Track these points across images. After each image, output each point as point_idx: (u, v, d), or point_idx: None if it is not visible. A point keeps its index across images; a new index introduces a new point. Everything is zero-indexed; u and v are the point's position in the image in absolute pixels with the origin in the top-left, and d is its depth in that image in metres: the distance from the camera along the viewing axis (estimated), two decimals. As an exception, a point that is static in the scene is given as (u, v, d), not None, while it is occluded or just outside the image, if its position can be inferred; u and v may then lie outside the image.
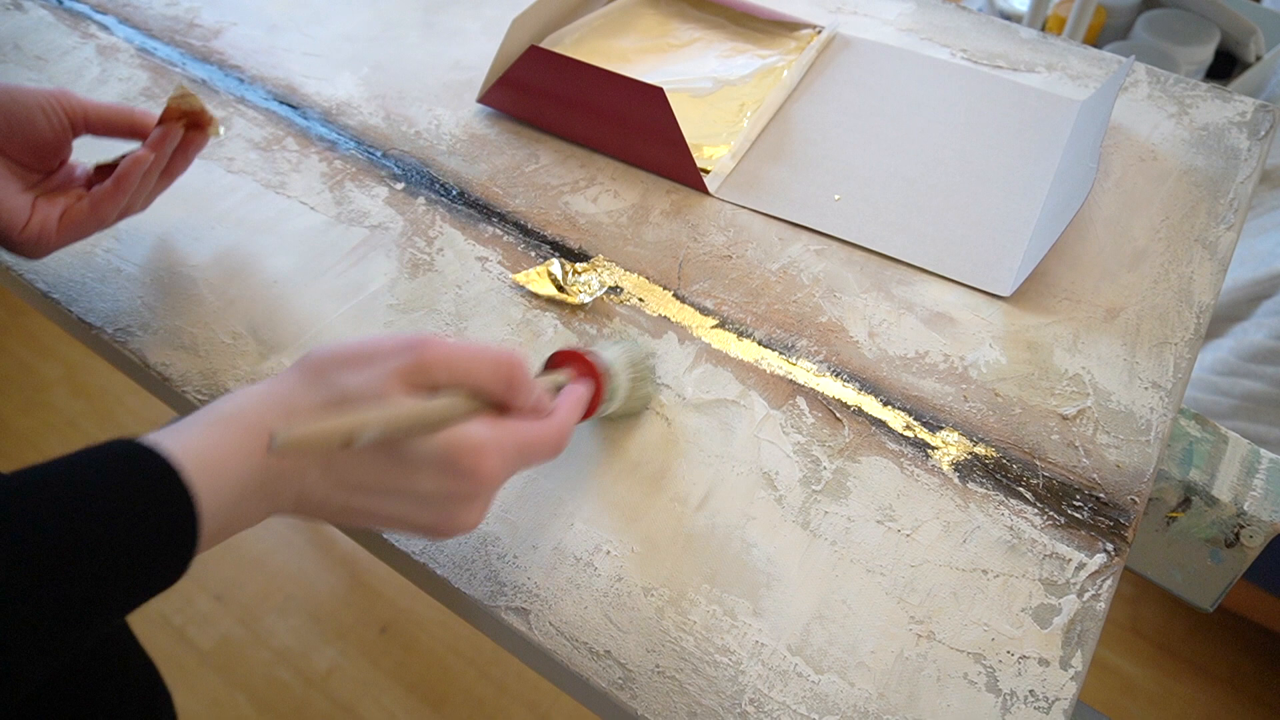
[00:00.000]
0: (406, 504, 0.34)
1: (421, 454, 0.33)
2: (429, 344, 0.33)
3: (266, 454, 0.32)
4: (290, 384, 0.34)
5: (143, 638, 0.62)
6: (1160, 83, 0.68)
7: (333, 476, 0.33)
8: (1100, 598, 0.41)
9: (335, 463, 0.33)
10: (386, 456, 0.33)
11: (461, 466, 0.33)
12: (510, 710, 1.14)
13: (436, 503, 0.34)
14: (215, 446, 0.31)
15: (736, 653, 0.39)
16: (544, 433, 0.36)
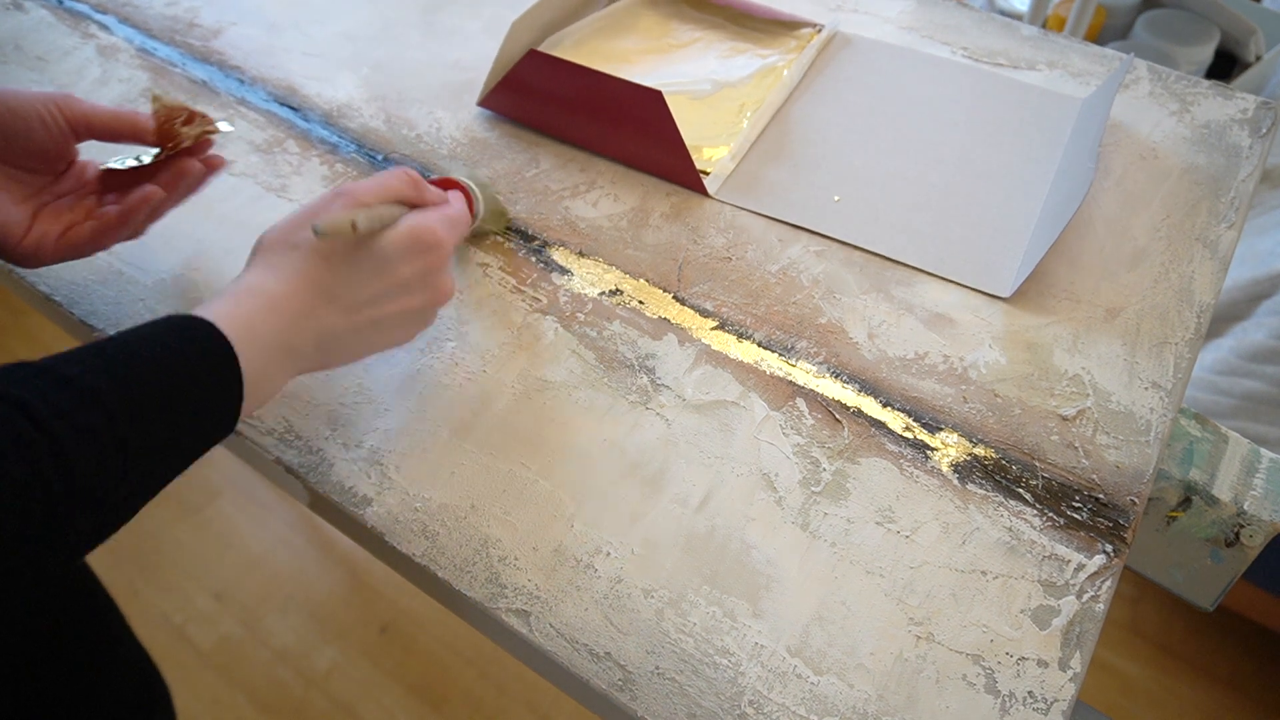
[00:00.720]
0: (399, 296, 0.42)
1: (393, 249, 0.41)
2: (350, 187, 0.42)
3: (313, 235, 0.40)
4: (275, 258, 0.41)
5: (143, 637, 0.62)
6: (1161, 80, 0.68)
7: (338, 304, 0.41)
8: (1099, 599, 0.41)
9: (335, 291, 0.40)
10: (371, 265, 0.41)
11: (425, 241, 0.42)
12: (510, 710, 1.14)
13: (418, 282, 0.42)
14: (247, 315, 0.38)
15: (736, 654, 0.39)
16: (455, 209, 0.46)
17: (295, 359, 0.40)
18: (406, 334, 0.45)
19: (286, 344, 0.39)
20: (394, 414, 0.47)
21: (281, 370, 0.40)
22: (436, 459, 0.46)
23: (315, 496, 0.46)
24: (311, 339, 0.40)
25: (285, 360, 0.40)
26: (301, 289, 0.40)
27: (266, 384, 0.39)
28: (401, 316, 0.43)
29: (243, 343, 0.37)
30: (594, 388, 0.48)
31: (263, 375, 0.39)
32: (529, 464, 0.45)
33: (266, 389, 0.40)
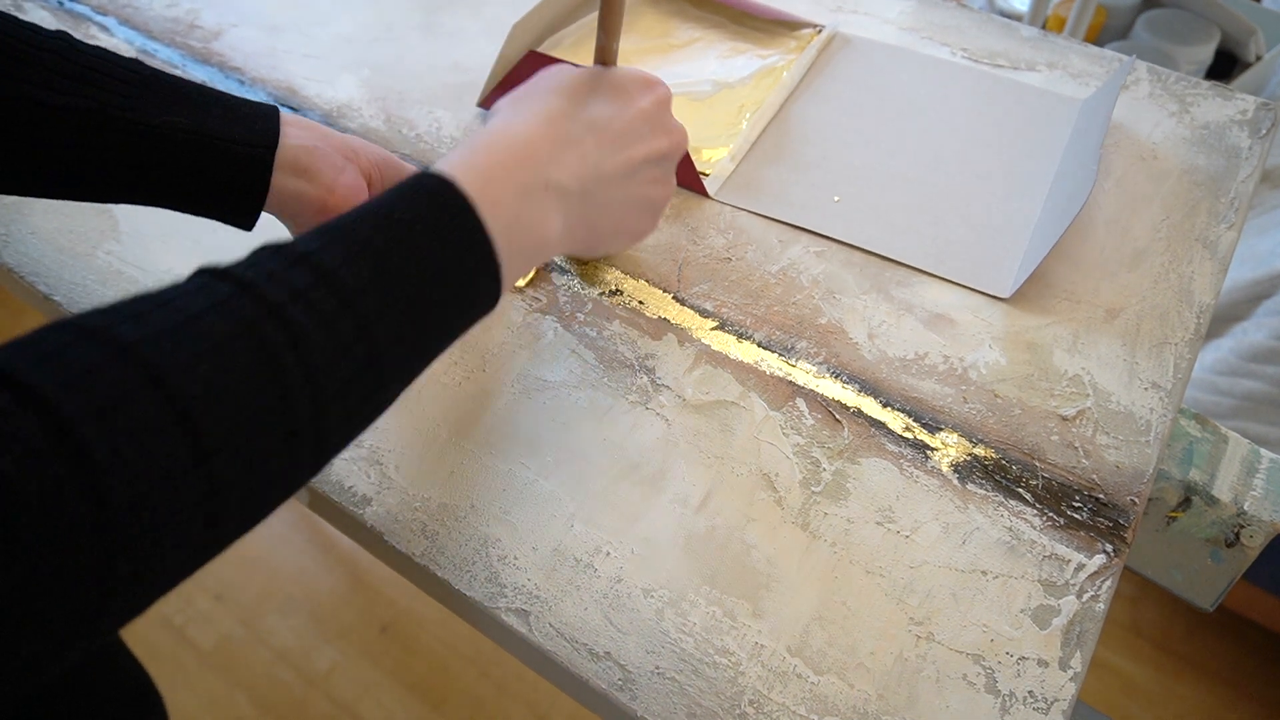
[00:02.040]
0: (645, 132, 0.41)
1: (627, 79, 0.41)
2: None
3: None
4: (517, 105, 0.39)
5: (143, 638, 0.62)
6: (1161, 81, 0.68)
7: (593, 132, 0.39)
8: (1099, 598, 0.41)
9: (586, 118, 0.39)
10: (612, 94, 0.40)
11: (650, 79, 0.42)
12: (510, 710, 1.14)
13: (656, 117, 0.41)
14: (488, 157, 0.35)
15: (736, 654, 0.39)
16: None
17: (561, 200, 0.37)
18: (655, 195, 0.43)
19: (545, 180, 0.36)
20: (393, 413, 0.47)
21: (545, 214, 0.36)
22: (436, 458, 0.46)
23: (315, 496, 0.46)
24: (572, 173, 0.37)
25: (549, 201, 0.36)
26: (551, 123, 0.37)
27: (531, 233, 0.35)
28: (651, 164, 0.41)
29: (485, 186, 0.34)
30: (594, 388, 0.49)
31: (521, 222, 0.35)
32: (529, 463, 0.46)
33: (533, 238, 0.36)
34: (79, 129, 0.40)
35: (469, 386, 0.49)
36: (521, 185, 0.35)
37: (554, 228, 0.37)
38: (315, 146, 0.44)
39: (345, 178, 0.45)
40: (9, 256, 0.54)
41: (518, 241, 0.35)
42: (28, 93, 0.39)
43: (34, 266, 0.54)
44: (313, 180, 0.44)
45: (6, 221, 0.56)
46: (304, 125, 0.45)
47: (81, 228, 0.56)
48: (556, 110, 0.38)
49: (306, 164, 0.43)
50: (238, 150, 0.42)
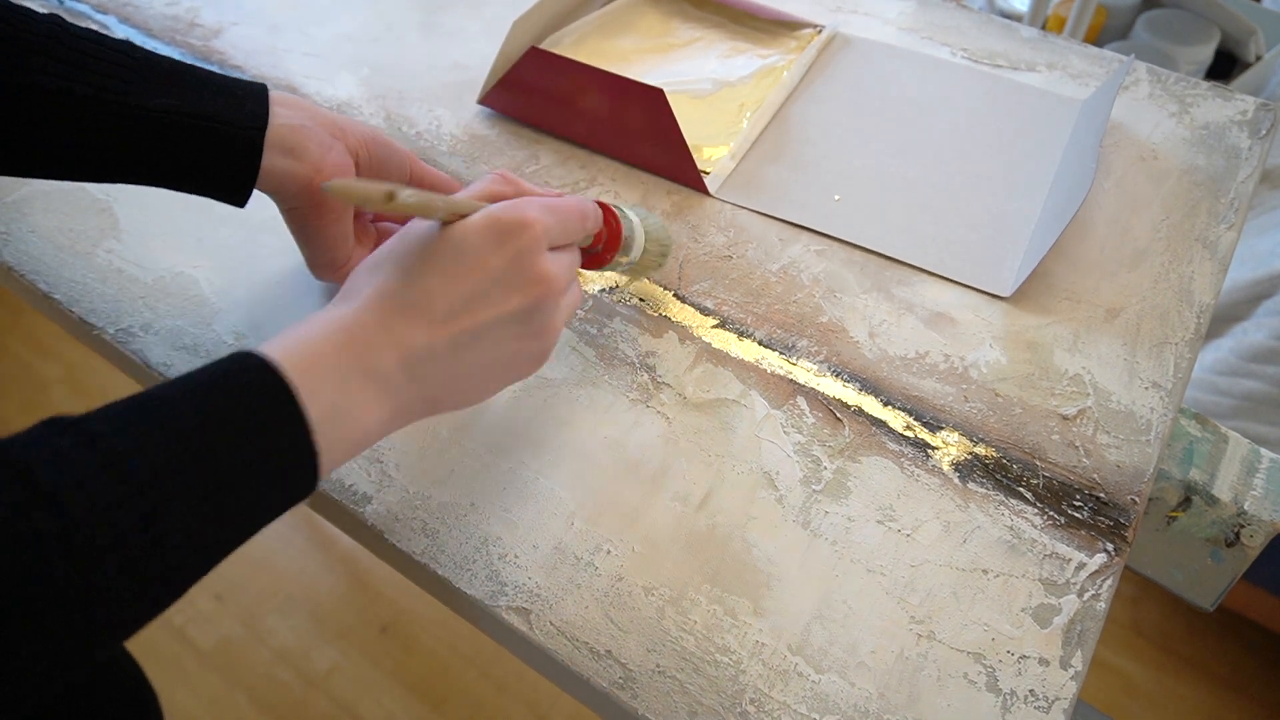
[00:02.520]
0: (493, 295, 0.36)
1: (472, 234, 0.36)
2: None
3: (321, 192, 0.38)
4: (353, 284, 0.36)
5: (143, 638, 0.62)
6: (1161, 81, 0.68)
7: (420, 315, 0.35)
8: (1100, 598, 0.41)
9: (412, 299, 0.35)
10: (450, 260, 0.35)
11: (507, 222, 0.36)
12: (510, 710, 1.14)
13: (512, 274, 0.36)
14: (309, 342, 0.33)
15: (737, 652, 0.39)
16: (567, 202, 0.40)
17: (383, 389, 0.34)
18: (523, 350, 0.38)
19: (366, 369, 0.33)
20: (394, 412, 0.47)
21: (368, 405, 0.33)
22: (436, 456, 0.46)
23: (315, 495, 0.46)
24: (395, 360, 0.34)
25: (370, 390, 0.33)
26: (374, 306, 0.34)
27: (351, 422, 0.33)
28: (505, 324, 0.36)
29: (305, 373, 0.31)
30: (594, 385, 0.48)
31: (340, 412, 0.32)
32: (529, 462, 0.45)
33: (353, 428, 0.33)
34: (74, 113, 0.40)
35: (469, 385, 0.49)
36: (342, 375, 0.33)
37: (375, 416, 0.34)
38: (303, 125, 0.44)
39: (332, 156, 0.45)
40: (9, 255, 0.54)
41: (337, 431, 0.32)
42: (22, 78, 0.39)
43: (34, 265, 0.54)
44: (300, 159, 0.44)
45: (6, 220, 0.56)
46: (292, 104, 0.45)
47: (82, 226, 0.56)
48: (385, 288, 0.35)
49: (294, 143, 0.44)
50: (229, 132, 0.42)
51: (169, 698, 1.14)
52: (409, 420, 0.36)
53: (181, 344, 0.50)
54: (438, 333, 0.35)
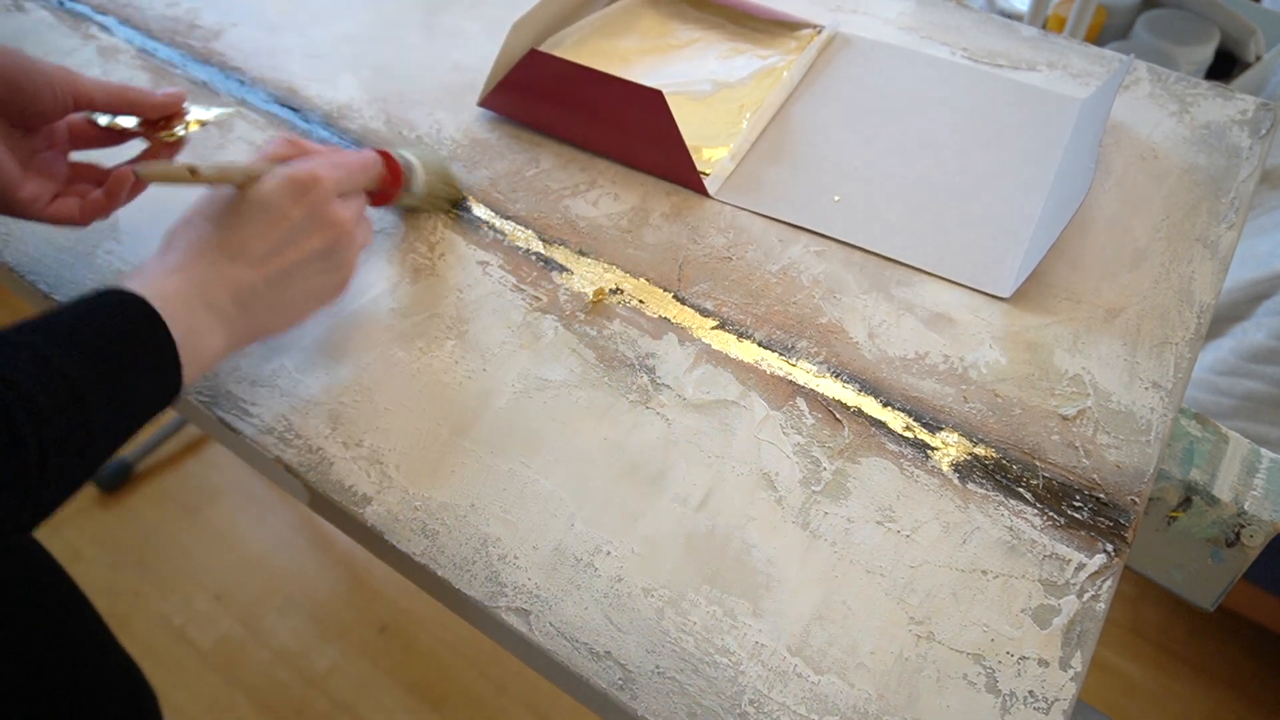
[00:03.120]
0: (297, 239, 0.43)
1: (270, 193, 0.43)
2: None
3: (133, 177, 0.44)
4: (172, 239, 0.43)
5: (142, 637, 0.62)
6: (1161, 81, 0.68)
7: (241, 258, 0.42)
8: (1100, 598, 0.41)
9: (232, 245, 0.42)
10: (257, 215, 0.43)
11: (299, 180, 0.43)
12: (510, 710, 1.14)
13: (310, 221, 0.44)
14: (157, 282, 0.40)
15: (736, 653, 0.39)
16: (345, 157, 0.47)
17: (220, 318, 0.42)
18: (327, 282, 0.46)
19: (205, 302, 0.41)
20: (394, 413, 0.47)
21: (210, 330, 0.41)
22: (436, 458, 0.46)
23: (315, 495, 0.46)
24: (227, 295, 0.42)
25: (210, 319, 0.41)
26: (201, 252, 0.42)
27: (199, 344, 0.41)
28: (310, 262, 0.44)
29: (163, 305, 0.39)
30: (594, 387, 0.48)
31: (192, 334, 0.40)
32: (529, 463, 0.46)
33: (203, 351, 0.41)
34: None
35: (470, 386, 0.49)
36: (188, 308, 0.40)
37: (219, 340, 0.42)
38: None
39: None
40: (9, 255, 0.54)
41: (190, 349, 0.40)
42: None
43: (34, 265, 0.54)
44: None
45: (7, 221, 0.56)
46: None
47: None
48: (206, 240, 0.42)
49: None
50: None
51: (169, 698, 1.14)
52: (242, 345, 0.44)
53: (181, 345, 0.50)
54: (258, 272, 0.42)
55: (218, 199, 0.44)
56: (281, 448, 0.46)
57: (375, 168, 0.50)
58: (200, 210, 0.44)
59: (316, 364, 0.50)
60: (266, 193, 0.43)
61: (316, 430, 0.47)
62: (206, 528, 1.30)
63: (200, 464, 1.35)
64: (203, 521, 1.30)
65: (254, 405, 0.48)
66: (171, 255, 0.42)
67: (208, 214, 0.43)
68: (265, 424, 0.47)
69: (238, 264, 0.42)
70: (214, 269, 0.42)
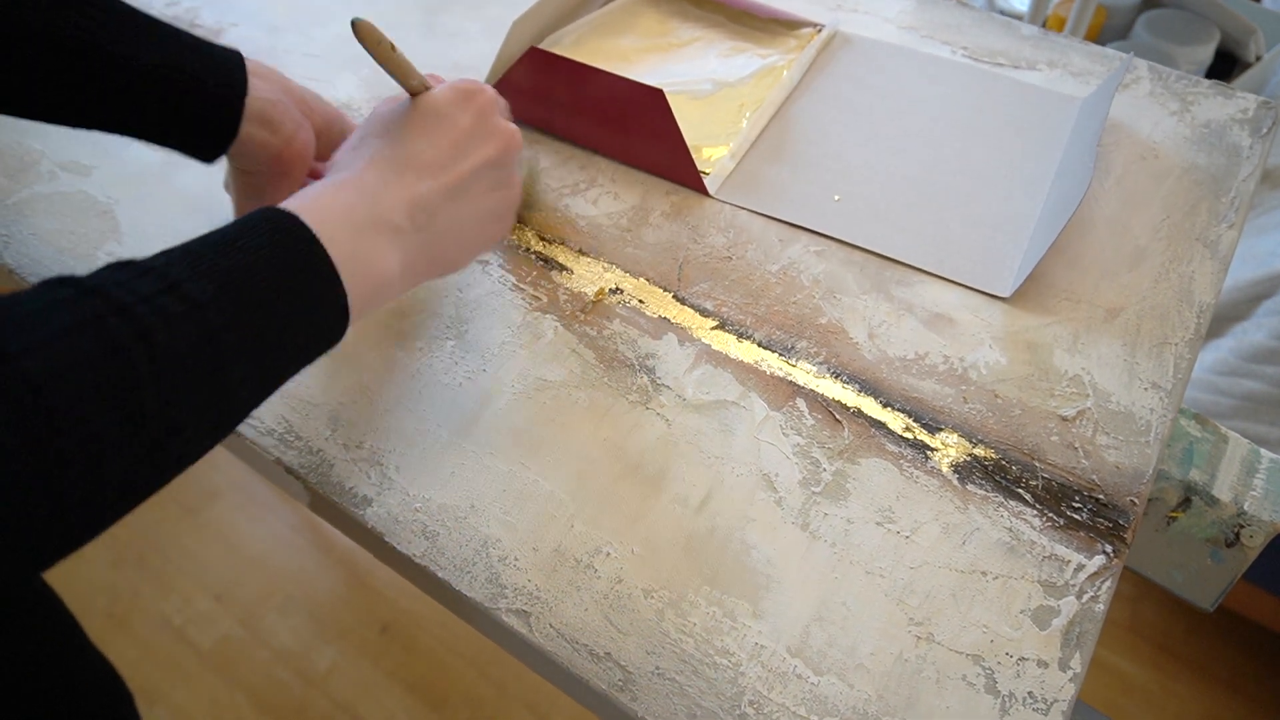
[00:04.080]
0: (472, 147, 0.42)
1: (441, 101, 0.42)
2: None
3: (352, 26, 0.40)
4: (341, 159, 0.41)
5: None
6: (1162, 80, 0.68)
7: (416, 168, 0.40)
8: (1099, 599, 0.41)
9: (408, 157, 0.40)
10: (431, 123, 0.41)
11: (466, 88, 0.43)
12: (510, 710, 1.14)
13: (481, 129, 0.42)
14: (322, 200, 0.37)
15: (736, 654, 0.39)
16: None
17: (394, 236, 0.38)
18: (501, 198, 0.44)
19: (376, 218, 0.37)
20: (394, 414, 0.47)
21: (383, 252, 0.37)
22: (436, 459, 0.46)
23: (315, 497, 0.46)
24: (403, 209, 0.39)
25: (381, 238, 0.37)
26: (374, 168, 0.39)
27: (369, 267, 0.37)
28: (483, 174, 0.42)
29: (323, 223, 0.35)
30: (594, 387, 0.48)
31: (359, 256, 0.36)
32: (529, 464, 0.45)
33: (374, 276, 0.37)
34: (56, 55, 0.41)
35: (469, 387, 0.49)
36: (355, 225, 0.36)
37: (393, 264, 0.38)
38: (279, 100, 0.46)
39: (303, 134, 0.46)
40: (10, 257, 0.54)
41: (359, 276, 0.36)
42: (3, 13, 0.39)
43: (35, 268, 0.54)
44: (275, 132, 0.45)
45: (8, 223, 0.56)
46: (267, 76, 0.47)
47: (82, 228, 0.56)
48: (378, 154, 0.40)
49: (270, 116, 0.45)
50: (210, 91, 0.43)
51: (169, 698, 1.14)
52: (418, 275, 0.40)
53: (181, 346, 0.50)
54: (434, 182, 0.40)
55: (386, 113, 0.42)
56: (282, 449, 0.46)
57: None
58: (366, 128, 0.42)
59: (317, 365, 0.49)
60: (436, 100, 0.42)
61: (317, 431, 0.47)
62: (206, 528, 1.30)
63: (200, 464, 1.34)
64: (203, 521, 1.30)
65: (254, 406, 0.48)
66: (341, 173, 0.39)
67: (374, 130, 0.41)
68: (266, 425, 0.47)
69: (414, 174, 0.40)
70: (386, 181, 0.39)
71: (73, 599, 0.57)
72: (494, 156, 0.43)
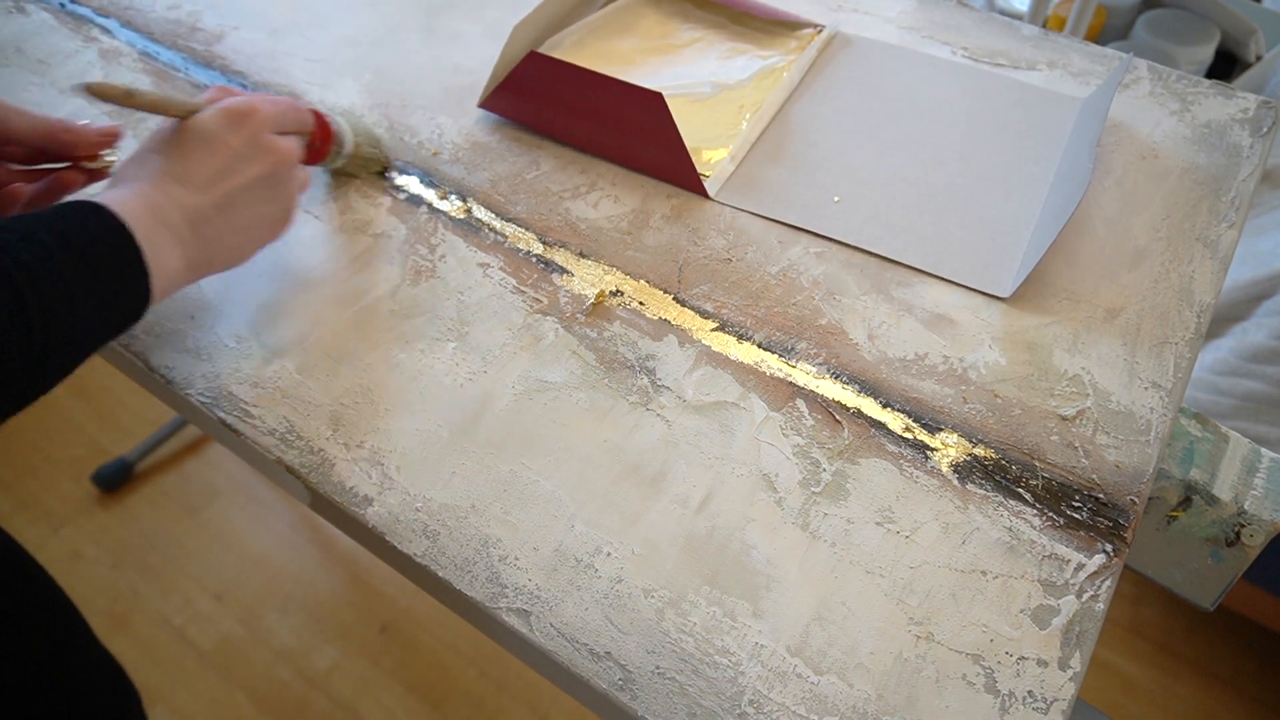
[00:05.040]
0: (239, 166, 0.45)
1: (210, 123, 0.45)
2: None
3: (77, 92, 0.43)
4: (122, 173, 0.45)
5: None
6: (1162, 79, 0.68)
7: (188, 184, 0.44)
8: (1099, 598, 0.41)
9: (178, 172, 0.44)
10: (199, 143, 0.45)
11: (236, 110, 0.46)
12: (510, 710, 1.14)
13: (250, 149, 0.46)
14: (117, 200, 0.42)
15: (736, 654, 0.39)
16: (277, 99, 0.49)
17: (176, 237, 0.43)
18: (272, 211, 0.48)
19: (162, 222, 0.42)
20: (395, 414, 0.48)
21: (169, 248, 0.42)
22: (437, 459, 0.46)
23: (316, 496, 0.46)
24: (180, 217, 0.43)
25: (167, 237, 0.42)
26: (153, 180, 0.43)
27: (161, 259, 0.42)
28: (253, 188, 0.46)
29: (128, 219, 0.40)
30: (594, 388, 0.49)
31: (154, 248, 0.41)
32: (530, 464, 0.46)
33: (165, 266, 0.42)
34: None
35: (470, 388, 0.49)
36: (148, 224, 0.41)
37: (176, 262, 0.43)
38: None
39: None
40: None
41: (154, 261, 0.41)
42: None
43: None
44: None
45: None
46: None
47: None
48: (155, 169, 0.44)
49: None
50: None
51: (169, 698, 1.15)
52: (199, 272, 0.45)
53: (183, 347, 0.50)
54: (206, 197, 0.44)
55: (161, 134, 0.45)
56: (283, 449, 0.46)
57: (306, 113, 0.52)
58: (145, 146, 0.45)
59: (318, 366, 0.50)
60: (206, 122, 0.45)
61: (318, 431, 0.47)
62: (206, 528, 1.30)
63: (200, 464, 1.35)
64: (203, 521, 1.31)
65: (255, 407, 0.48)
66: (123, 184, 0.43)
67: (152, 147, 0.45)
68: (267, 425, 0.47)
69: (186, 188, 0.44)
70: (165, 193, 0.43)
71: (73, 599, 0.58)
72: (263, 174, 0.46)
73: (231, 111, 0.46)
